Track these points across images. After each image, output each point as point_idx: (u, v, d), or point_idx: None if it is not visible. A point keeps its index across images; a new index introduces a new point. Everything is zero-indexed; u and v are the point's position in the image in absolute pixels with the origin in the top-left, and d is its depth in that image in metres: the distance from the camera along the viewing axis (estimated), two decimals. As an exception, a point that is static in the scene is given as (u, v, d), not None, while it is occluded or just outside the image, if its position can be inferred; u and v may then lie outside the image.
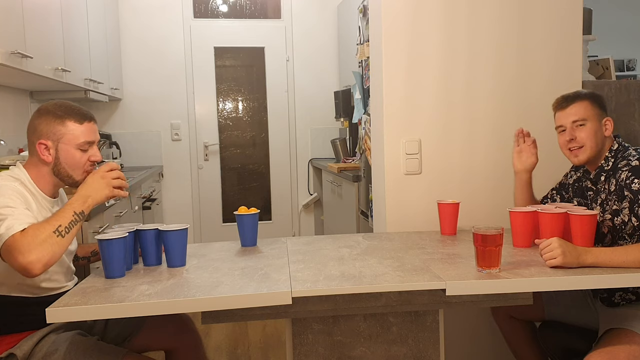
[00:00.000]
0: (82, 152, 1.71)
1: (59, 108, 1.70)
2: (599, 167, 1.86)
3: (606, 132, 1.86)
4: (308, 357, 1.65)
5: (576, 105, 1.86)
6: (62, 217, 1.53)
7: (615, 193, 1.79)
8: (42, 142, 1.67)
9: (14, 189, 1.60)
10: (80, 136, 1.69)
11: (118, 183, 1.66)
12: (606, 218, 1.81)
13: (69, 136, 1.68)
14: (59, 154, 1.68)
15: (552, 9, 2.34)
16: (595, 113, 1.85)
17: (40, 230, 1.47)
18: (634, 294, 1.78)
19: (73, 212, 1.56)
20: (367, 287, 1.48)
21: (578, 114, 1.85)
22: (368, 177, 3.20)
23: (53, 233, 1.48)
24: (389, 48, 2.30)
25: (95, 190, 1.62)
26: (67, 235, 1.51)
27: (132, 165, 4.65)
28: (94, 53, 3.68)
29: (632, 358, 1.61)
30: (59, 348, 1.62)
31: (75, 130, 1.69)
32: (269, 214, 5.18)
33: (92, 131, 1.73)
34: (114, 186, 1.65)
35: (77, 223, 1.56)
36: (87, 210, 1.60)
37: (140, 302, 1.39)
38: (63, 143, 1.68)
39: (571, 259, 1.56)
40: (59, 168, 1.69)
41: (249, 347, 3.27)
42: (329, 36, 5.08)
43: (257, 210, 2.00)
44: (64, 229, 1.51)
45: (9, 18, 2.31)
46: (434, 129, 2.34)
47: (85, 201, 1.60)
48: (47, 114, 1.69)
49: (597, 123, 1.85)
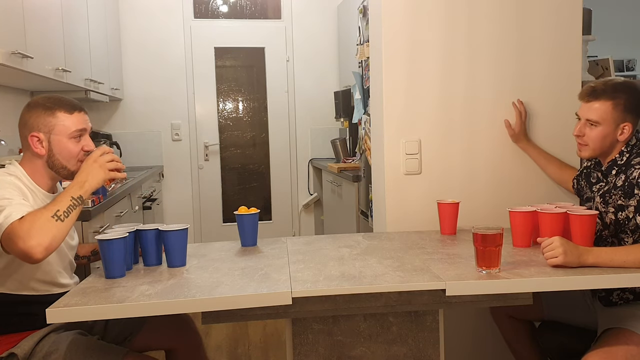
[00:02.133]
0: (75, 142, 1.71)
1: (48, 100, 1.71)
2: (612, 160, 1.84)
3: (620, 136, 1.80)
4: (308, 357, 1.65)
5: (597, 104, 1.80)
6: (59, 202, 1.54)
7: (621, 188, 1.78)
8: (34, 134, 1.68)
9: (11, 183, 1.61)
10: (71, 126, 1.69)
11: (113, 165, 1.66)
12: (609, 211, 1.81)
13: (60, 127, 1.68)
14: (52, 145, 1.68)
15: (551, 9, 2.34)
16: (615, 117, 1.79)
17: (38, 215, 1.48)
18: (632, 293, 1.78)
19: (70, 197, 1.56)
20: (367, 287, 1.48)
21: (595, 115, 1.80)
22: (368, 177, 3.21)
23: (52, 217, 1.48)
24: (389, 48, 2.30)
25: (91, 174, 1.62)
26: (66, 220, 1.52)
27: (133, 165, 4.65)
28: (94, 53, 3.68)
29: (630, 357, 1.61)
30: (59, 348, 1.62)
31: (66, 120, 1.69)
32: (269, 214, 5.19)
33: (82, 120, 1.73)
34: (109, 169, 1.65)
35: (75, 207, 1.56)
36: (85, 194, 1.59)
37: (141, 302, 1.40)
38: (55, 134, 1.68)
39: (572, 258, 1.55)
40: (53, 160, 1.69)
41: (249, 347, 3.27)
42: (329, 36, 5.09)
43: (257, 210, 2.00)
44: (62, 213, 1.51)
45: (10, 18, 2.32)
46: (434, 129, 2.34)
47: (81, 186, 1.60)
48: (36, 106, 1.70)
49: (611, 127, 1.79)
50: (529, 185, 2.33)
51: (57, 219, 1.49)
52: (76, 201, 1.56)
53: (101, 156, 1.66)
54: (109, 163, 1.65)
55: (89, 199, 2.47)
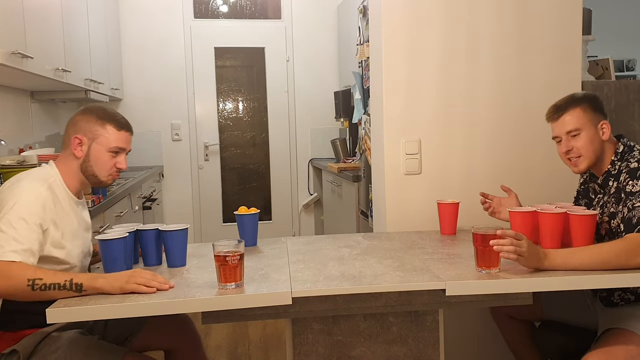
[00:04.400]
0: (111, 157, 1.76)
1: (103, 111, 1.78)
2: (606, 172, 1.83)
3: (603, 136, 1.80)
4: (308, 357, 1.65)
5: (568, 115, 1.80)
6: (51, 275, 1.48)
7: (614, 195, 1.78)
8: (77, 136, 1.73)
9: (38, 197, 1.60)
10: (113, 141, 1.75)
11: (142, 281, 1.49)
12: (604, 220, 1.81)
13: (104, 138, 1.74)
14: (90, 151, 1.73)
15: (551, 9, 2.34)
16: (590, 119, 1.79)
17: (21, 271, 1.47)
18: (633, 293, 1.78)
19: (69, 279, 1.47)
20: (367, 287, 1.48)
21: (571, 124, 1.80)
22: (368, 177, 3.21)
23: (27, 281, 1.45)
24: (389, 48, 2.30)
25: (114, 277, 1.49)
26: (39, 293, 1.46)
27: (133, 165, 4.64)
28: (94, 53, 3.68)
29: (629, 358, 1.61)
30: (60, 347, 1.63)
31: (112, 134, 1.75)
32: (269, 214, 5.19)
33: (126, 140, 1.80)
34: (136, 282, 1.48)
35: (62, 289, 1.46)
36: (89, 287, 1.47)
37: (140, 302, 1.40)
38: (97, 143, 1.74)
39: (533, 263, 1.54)
40: (86, 165, 1.74)
41: (249, 347, 3.27)
42: (329, 36, 5.09)
43: (257, 210, 2.00)
44: (41, 285, 1.45)
45: (10, 18, 2.32)
46: (434, 129, 2.34)
47: (94, 278, 1.49)
48: (90, 113, 1.76)
49: (593, 129, 1.79)
50: (529, 185, 2.33)
51: (30, 285, 1.46)
52: (70, 285, 1.46)
53: (143, 273, 1.52)
54: (141, 279, 1.50)
55: (89, 199, 2.47)
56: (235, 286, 1.46)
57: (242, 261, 1.47)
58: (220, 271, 1.45)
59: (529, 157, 2.35)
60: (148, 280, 1.48)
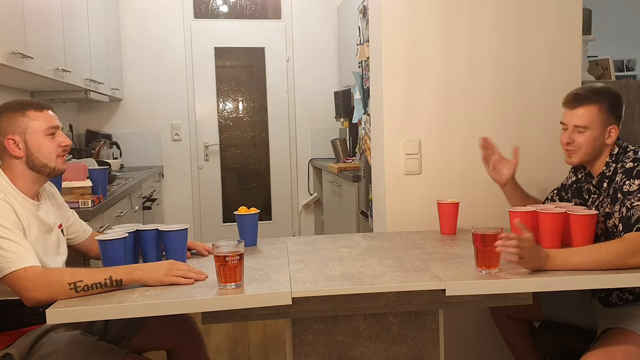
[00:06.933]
0: (51, 139, 1.71)
1: (16, 103, 1.72)
2: (601, 173, 1.83)
3: (608, 139, 1.80)
4: (308, 357, 1.65)
5: (583, 109, 1.80)
6: (90, 274, 1.48)
7: (610, 196, 1.79)
8: (9, 138, 1.67)
9: (4, 207, 1.57)
10: (44, 123, 1.70)
11: (180, 273, 1.53)
12: (599, 220, 1.81)
13: (34, 125, 1.68)
14: (29, 145, 1.68)
15: (551, 9, 2.34)
16: (601, 120, 1.79)
17: (57, 276, 1.48)
18: (631, 293, 1.78)
19: (108, 276, 1.48)
20: (367, 287, 1.48)
21: (581, 120, 1.80)
22: (368, 177, 3.21)
23: (68, 285, 1.46)
24: (389, 48, 2.30)
25: (153, 269, 1.52)
26: (82, 293, 1.47)
27: (133, 165, 4.66)
28: (94, 53, 3.68)
29: (629, 357, 1.61)
30: (58, 348, 1.61)
31: (38, 118, 1.70)
32: (269, 214, 5.19)
33: (52, 117, 1.74)
34: (174, 274, 1.53)
35: (103, 287, 1.48)
36: (128, 281, 1.50)
37: (140, 302, 1.40)
38: (29, 134, 1.68)
39: (534, 264, 1.54)
40: (32, 159, 1.68)
41: (249, 347, 3.27)
42: (329, 36, 5.09)
43: (257, 210, 2.00)
44: (83, 286, 1.46)
45: (10, 18, 2.32)
46: (434, 129, 2.34)
47: (132, 271, 1.51)
48: (6, 111, 1.69)
49: (599, 131, 1.79)
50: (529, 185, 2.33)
51: (73, 289, 1.46)
52: (110, 282, 1.48)
53: (179, 265, 1.57)
54: (179, 271, 1.54)
55: (89, 199, 2.47)
56: (235, 286, 1.46)
57: (242, 261, 1.47)
58: (220, 271, 1.46)
59: (529, 157, 2.35)
60: (186, 272, 1.53)
